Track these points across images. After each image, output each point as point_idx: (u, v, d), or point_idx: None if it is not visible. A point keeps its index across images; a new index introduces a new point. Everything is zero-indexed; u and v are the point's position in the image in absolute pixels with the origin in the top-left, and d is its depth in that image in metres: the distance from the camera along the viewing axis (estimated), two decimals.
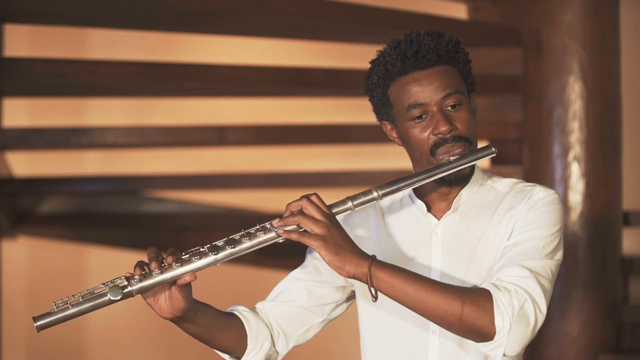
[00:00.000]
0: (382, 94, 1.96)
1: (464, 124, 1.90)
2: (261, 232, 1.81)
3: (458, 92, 1.91)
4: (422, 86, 1.90)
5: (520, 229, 1.88)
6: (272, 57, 4.69)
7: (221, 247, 1.81)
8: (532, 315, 1.76)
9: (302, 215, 1.80)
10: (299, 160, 4.82)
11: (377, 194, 1.85)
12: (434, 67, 1.91)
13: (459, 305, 1.75)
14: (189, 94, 4.30)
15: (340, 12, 3.47)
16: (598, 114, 3.50)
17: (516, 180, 1.98)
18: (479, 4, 3.87)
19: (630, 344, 3.51)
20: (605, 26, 3.54)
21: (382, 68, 1.95)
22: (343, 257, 1.78)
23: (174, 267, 1.79)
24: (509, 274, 1.79)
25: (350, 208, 1.84)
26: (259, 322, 1.99)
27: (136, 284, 1.79)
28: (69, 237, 4.52)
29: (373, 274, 1.77)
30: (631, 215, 3.65)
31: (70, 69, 3.52)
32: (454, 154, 1.89)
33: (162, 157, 4.89)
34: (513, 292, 1.76)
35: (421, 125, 1.91)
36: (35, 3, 3.22)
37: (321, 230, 1.78)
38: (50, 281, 5.02)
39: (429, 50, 1.90)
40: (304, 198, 1.83)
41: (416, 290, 1.77)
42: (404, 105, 1.92)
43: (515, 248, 1.85)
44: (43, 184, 4.38)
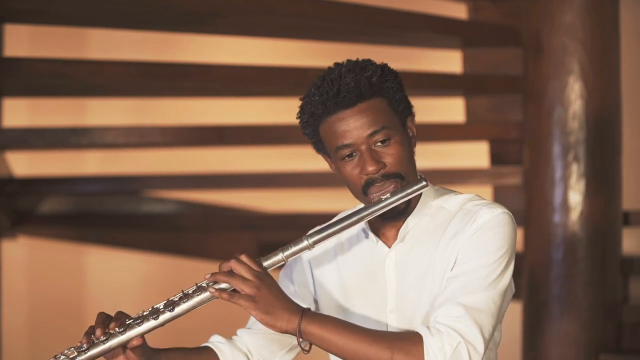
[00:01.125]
0: (313, 132, 1.95)
1: (393, 160, 1.88)
2: (198, 293, 1.84)
3: (385, 127, 1.88)
4: (347, 126, 1.88)
5: (462, 257, 1.86)
6: (272, 57, 4.68)
7: (161, 310, 1.85)
8: (466, 358, 1.75)
9: (232, 276, 1.82)
10: (299, 160, 4.81)
11: (307, 242, 1.86)
12: (357, 105, 1.88)
13: (388, 355, 1.76)
14: (189, 94, 4.29)
15: (340, 12, 3.47)
16: (598, 114, 3.50)
17: (469, 197, 1.95)
18: (479, 4, 3.87)
19: (630, 344, 3.51)
20: (605, 26, 3.54)
21: (310, 107, 1.93)
22: (273, 315, 1.80)
23: (116, 333, 1.84)
24: (444, 314, 1.79)
25: (283, 260, 1.87)
26: (235, 351, 2.02)
27: (84, 354, 1.84)
28: (69, 237, 4.51)
29: (303, 329, 1.80)
30: (631, 215, 3.65)
31: (70, 69, 3.52)
32: (386, 192, 1.87)
33: (162, 157, 4.89)
34: (445, 336, 1.75)
35: (351, 164, 1.90)
36: (35, 3, 3.22)
37: (250, 290, 1.80)
38: (50, 281, 5.02)
39: (349, 90, 1.87)
40: (232, 259, 1.84)
41: (345, 342, 1.78)
42: (333, 145, 1.91)
43: (455, 281, 1.83)
44: (43, 184, 4.38)
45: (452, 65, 4.06)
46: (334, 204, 4.79)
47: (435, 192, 1.98)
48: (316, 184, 4.38)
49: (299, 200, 4.77)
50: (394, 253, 1.95)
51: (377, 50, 4.09)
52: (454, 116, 4.11)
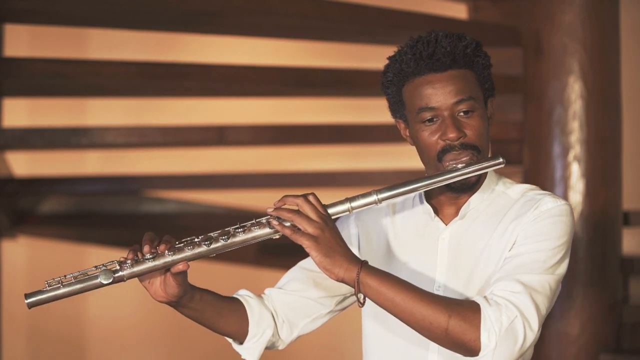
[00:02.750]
0: (396, 92, 1.94)
1: (474, 132, 1.87)
2: (256, 227, 1.80)
3: (471, 98, 1.87)
4: (434, 89, 1.87)
5: (522, 240, 1.84)
6: (272, 57, 4.69)
7: (214, 238, 1.81)
8: (521, 333, 1.74)
9: (297, 214, 1.78)
10: (299, 160, 4.82)
11: (376, 197, 1.82)
12: (448, 71, 1.88)
13: (444, 318, 1.73)
14: (189, 94, 4.30)
15: (340, 12, 3.47)
16: (598, 114, 3.50)
17: (530, 187, 1.94)
18: (479, 4, 3.87)
19: (630, 344, 3.51)
20: (605, 26, 3.54)
21: (397, 66, 1.91)
22: (333, 259, 1.76)
23: (165, 255, 1.79)
24: (502, 288, 1.77)
25: (348, 210, 1.83)
26: (263, 308, 1.98)
27: (127, 269, 1.80)
28: (69, 237, 4.52)
29: (361, 280, 1.75)
30: (631, 215, 3.65)
31: (70, 69, 3.52)
32: (460, 162, 1.86)
33: (162, 157, 4.89)
34: (503, 308, 1.73)
35: (431, 128, 1.88)
36: (35, 3, 3.21)
37: (314, 231, 1.77)
38: None
39: (445, 53, 1.86)
40: (301, 197, 1.80)
41: (403, 299, 1.74)
42: (415, 107, 1.89)
43: (514, 260, 1.82)
44: (43, 184, 4.38)
45: None
46: None
47: (497, 177, 1.97)
48: (316, 184, 4.38)
49: None
50: (449, 230, 1.93)
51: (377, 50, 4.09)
52: None
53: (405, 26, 3.63)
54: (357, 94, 4.23)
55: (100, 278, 1.79)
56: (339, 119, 4.63)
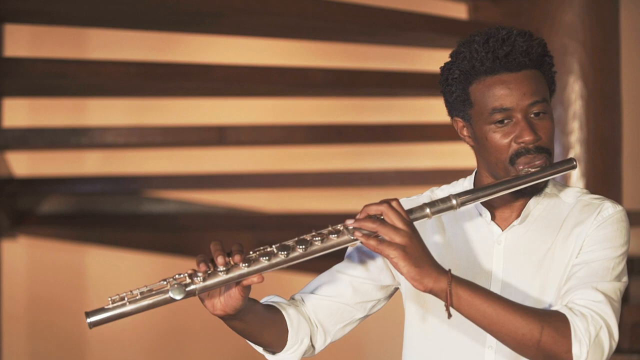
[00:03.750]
0: (462, 90, 1.84)
1: (547, 134, 1.82)
2: (334, 235, 1.70)
3: (544, 100, 1.82)
4: (509, 90, 1.80)
5: (589, 247, 1.80)
6: (272, 57, 4.69)
7: (292, 247, 1.69)
8: (607, 343, 1.70)
9: (382, 223, 1.69)
10: (299, 160, 4.82)
11: (455, 202, 1.75)
12: (523, 71, 1.81)
13: (538, 330, 1.68)
14: (189, 94, 4.30)
15: (340, 12, 3.47)
16: (598, 114, 3.50)
17: (580, 189, 1.90)
18: (479, 4, 3.87)
19: (630, 344, 3.51)
20: (605, 26, 3.54)
21: (466, 63, 1.82)
22: (422, 270, 1.68)
23: (240, 266, 1.67)
24: (583, 297, 1.72)
25: (428, 215, 1.74)
26: (300, 317, 1.88)
27: (200, 282, 1.66)
28: (69, 237, 4.52)
29: (453, 290, 1.69)
30: (631, 215, 3.64)
31: (70, 69, 3.52)
32: (534, 166, 1.80)
33: (162, 157, 4.89)
34: (589, 318, 1.69)
35: (503, 130, 1.81)
36: (35, 3, 3.21)
37: (402, 240, 1.68)
38: (50, 281, 5.02)
39: (522, 52, 1.80)
40: (384, 203, 1.70)
41: (495, 311, 1.69)
42: (487, 107, 1.81)
43: (585, 267, 1.77)
44: (43, 184, 4.38)
45: None
46: (334, 204, 4.79)
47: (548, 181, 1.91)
48: (316, 184, 4.38)
49: (299, 200, 4.77)
50: (506, 235, 1.87)
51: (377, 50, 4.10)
52: None
53: (405, 26, 3.63)
54: (357, 94, 4.23)
55: (171, 293, 1.65)
56: (339, 119, 4.63)
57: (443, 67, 1.87)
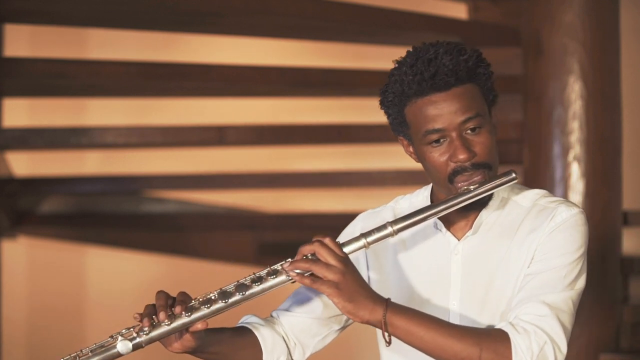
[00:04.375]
0: (397, 112, 1.85)
1: (483, 149, 1.81)
2: (272, 276, 1.76)
3: (478, 115, 1.80)
4: (440, 110, 1.79)
5: (541, 255, 1.79)
6: (272, 57, 4.69)
7: (231, 293, 1.76)
8: (552, 358, 1.71)
9: (315, 262, 1.73)
10: (299, 160, 4.82)
11: (391, 229, 1.77)
12: (452, 89, 1.79)
13: (476, 353, 1.70)
14: (189, 94, 4.30)
15: (340, 12, 3.47)
16: (598, 114, 3.50)
17: (540, 192, 1.89)
18: (479, 4, 3.87)
19: (630, 344, 3.51)
20: (605, 26, 3.54)
21: (398, 87, 1.83)
22: (357, 303, 1.72)
23: (182, 316, 1.75)
24: (528, 312, 1.73)
25: (365, 246, 1.77)
26: (275, 335, 1.93)
27: (145, 335, 1.76)
28: (69, 237, 4.52)
29: (388, 320, 1.72)
30: (631, 215, 3.65)
31: (70, 69, 3.52)
32: (473, 182, 1.80)
33: (162, 157, 4.89)
34: (532, 335, 1.70)
35: (439, 150, 1.81)
36: (35, 3, 3.21)
37: (334, 277, 1.71)
38: (50, 281, 5.02)
39: (448, 72, 1.78)
40: (316, 242, 1.74)
41: (432, 336, 1.72)
42: (421, 129, 1.81)
43: (535, 279, 1.77)
44: (43, 184, 4.39)
45: None
46: (334, 204, 4.79)
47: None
48: (316, 184, 4.38)
49: (299, 200, 4.77)
50: (462, 245, 1.87)
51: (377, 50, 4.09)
52: None
53: (405, 26, 3.63)
54: (357, 94, 4.22)
55: (118, 348, 1.76)
56: (338, 119, 4.63)
57: (381, 89, 1.88)
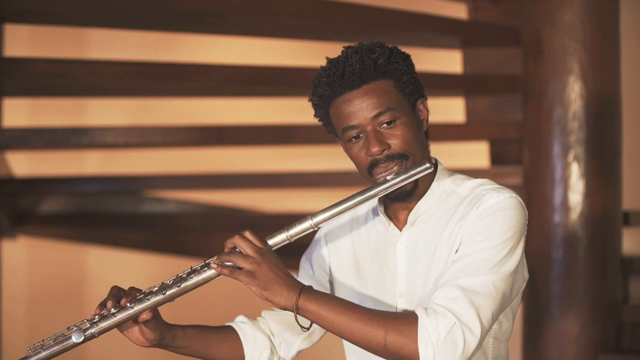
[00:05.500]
0: (324, 114, 1.99)
1: (398, 141, 1.89)
2: (205, 269, 1.88)
3: (390, 109, 1.89)
4: (352, 107, 1.90)
5: (466, 240, 1.85)
6: (272, 57, 4.68)
7: (169, 285, 1.89)
8: (461, 340, 1.74)
9: (233, 253, 1.86)
10: (299, 160, 4.81)
11: (310, 222, 1.89)
12: (362, 87, 1.90)
13: (382, 334, 1.77)
14: (189, 94, 4.30)
15: (340, 12, 3.47)
16: (598, 114, 3.50)
17: (481, 182, 1.94)
18: (479, 4, 3.87)
19: (630, 344, 3.51)
20: (605, 26, 3.54)
21: (319, 90, 1.95)
22: (272, 291, 1.82)
23: (127, 307, 1.90)
24: (441, 296, 1.79)
25: (287, 239, 1.90)
26: (257, 331, 2.05)
27: (96, 326, 1.90)
28: (69, 237, 4.52)
29: (301, 305, 1.81)
30: (631, 215, 3.65)
31: (70, 69, 3.52)
32: (390, 172, 1.89)
33: (162, 157, 4.89)
34: (440, 316, 1.75)
35: (358, 145, 1.93)
36: (35, 3, 3.22)
37: (250, 267, 1.83)
38: (50, 281, 5.02)
39: (354, 71, 1.90)
40: (237, 235, 1.88)
41: (341, 320, 1.80)
42: (340, 127, 1.94)
43: (457, 264, 1.83)
44: (43, 184, 4.38)
45: (452, 65, 4.06)
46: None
47: (449, 176, 1.97)
48: (316, 184, 4.38)
49: (299, 200, 4.77)
50: (404, 237, 1.96)
51: None
52: (454, 116, 4.11)
53: (405, 26, 3.63)
54: None
55: (73, 337, 1.90)
56: None
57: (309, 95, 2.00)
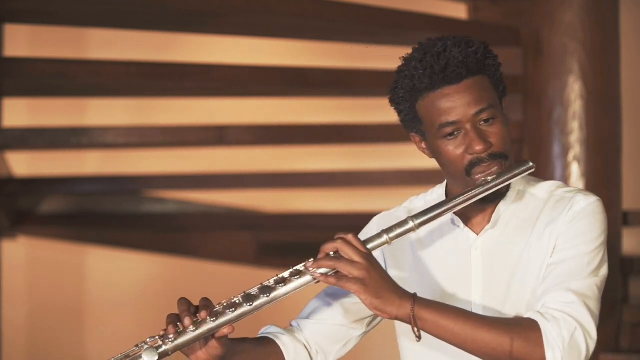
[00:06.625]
0: (409, 108, 1.86)
1: (498, 140, 1.81)
2: (296, 277, 1.74)
3: (491, 106, 1.81)
4: (452, 102, 1.80)
5: (562, 244, 1.79)
6: (272, 57, 4.69)
7: (255, 295, 1.75)
8: (583, 344, 1.69)
9: (339, 259, 1.72)
10: (299, 160, 4.82)
11: (412, 224, 1.76)
12: (463, 81, 1.80)
13: (508, 342, 1.68)
14: (189, 94, 4.30)
15: (341, 12, 3.47)
16: (598, 114, 3.50)
17: (555, 183, 1.88)
18: (479, 4, 3.87)
19: (630, 344, 3.51)
20: (605, 26, 3.54)
21: (408, 82, 1.84)
22: (384, 299, 1.70)
23: (207, 321, 1.73)
24: (555, 300, 1.72)
25: (387, 242, 1.76)
26: (296, 344, 1.92)
27: (171, 343, 1.74)
28: (69, 237, 4.52)
29: (417, 314, 1.70)
30: (631, 215, 3.65)
31: (70, 69, 3.52)
32: (491, 174, 1.80)
33: (162, 157, 4.89)
34: (562, 322, 1.69)
35: (454, 142, 1.82)
36: (35, 3, 3.21)
37: (360, 273, 1.70)
38: (50, 281, 5.02)
39: (459, 64, 1.80)
40: (339, 239, 1.73)
41: (463, 328, 1.70)
42: (435, 123, 1.82)
43: (558, 268, 1.76)
44: (43, 184, 4.38)
45: None
46: (334, 204, 4.80)
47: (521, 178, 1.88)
48: (316, 184, 4.38)
49: (299, 200, 4.77)
50: (482, 240, 1.87)
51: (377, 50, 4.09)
52: None
53: (405, 26, 3.63)
54: (357, 94, 4.23)
55: (144, 357, 1.73)
56: (338, 119, 4.63)
57: (391, 86, 1.88)
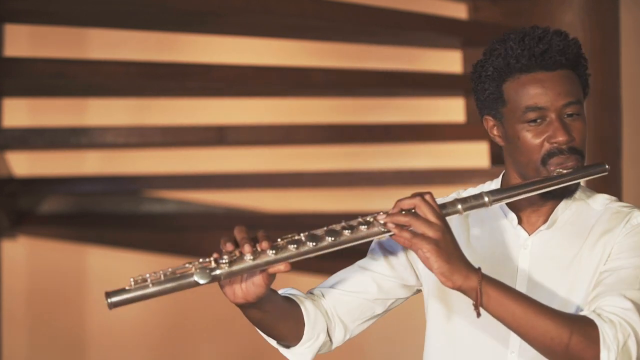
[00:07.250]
0: (495, 87, 1.82)
1: (580, 136, 1.80)
2: (364, 226, 1.64)
3: (579, 101, 1.81)
4: (544, 89, 1.78)
5: (617, 254, 1.77)
6: (272, 57, 4.69)
7: (321, 236, 1.62)
8: (634, 351, 1.67)
9: (415, 216, 1.64)
10: (299, 160, 4.82)
11: (487, 199, 1.72)
12: (558, 70, 1.79)
13: (567, 334, 1.64)
14: (189, 94, 4.30)
15: (341, 12, 3.47)
16: (598, 114, 3.50)
17: (609, 197, 1.88)
18: (479, 4, 3.87)
19: None
20: (605, 26, 3.54)
21: (501, 61, 1.79)
22: (453, 266, 1.63)
23: (267, 253, 1.60)
24: (610, 304, 1.69)
25: (459, 211, 1.70)
26: (317, 311, 1.83)
27: (225, 267, 1.60)
28: (69, 237, 4.52)
29: (483, 289, 1.64)
30: None
31: (70, 69, 3.52)
32: (567, 167, 1.78)
33: (162, 157, 4.89)
34: (618, 326, 1.66)
35: (536, 129, 1.79)
36: (35, 3, 3.22)
37: (435, 234, 1.63)
38: (50, 281, 5.02)
39: (559, 51, 1.78)
40: (417, 196, 1.66)
41: (525, 312, 1.65)
42: (521, 105, 1.79)
43: (613, 275, 1.74)
44: (43, 184, 4.38)
45: (452, 65, 4.06)
46: (334, 204, 4.79)
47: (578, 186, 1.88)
48: (316, 184, 4.38)
49: (299, 200, 4.77)
50: (533, 239, 1.84)
51: (377, 50, 4.10)
52: (454, 116, 4.10)
53: (405, 26, 3.63)
54: (357, 94, 4.23)
55: (196, 277, 1.59)
56: (339, 119, 4.63)
57: (476, 64, 1.85)
